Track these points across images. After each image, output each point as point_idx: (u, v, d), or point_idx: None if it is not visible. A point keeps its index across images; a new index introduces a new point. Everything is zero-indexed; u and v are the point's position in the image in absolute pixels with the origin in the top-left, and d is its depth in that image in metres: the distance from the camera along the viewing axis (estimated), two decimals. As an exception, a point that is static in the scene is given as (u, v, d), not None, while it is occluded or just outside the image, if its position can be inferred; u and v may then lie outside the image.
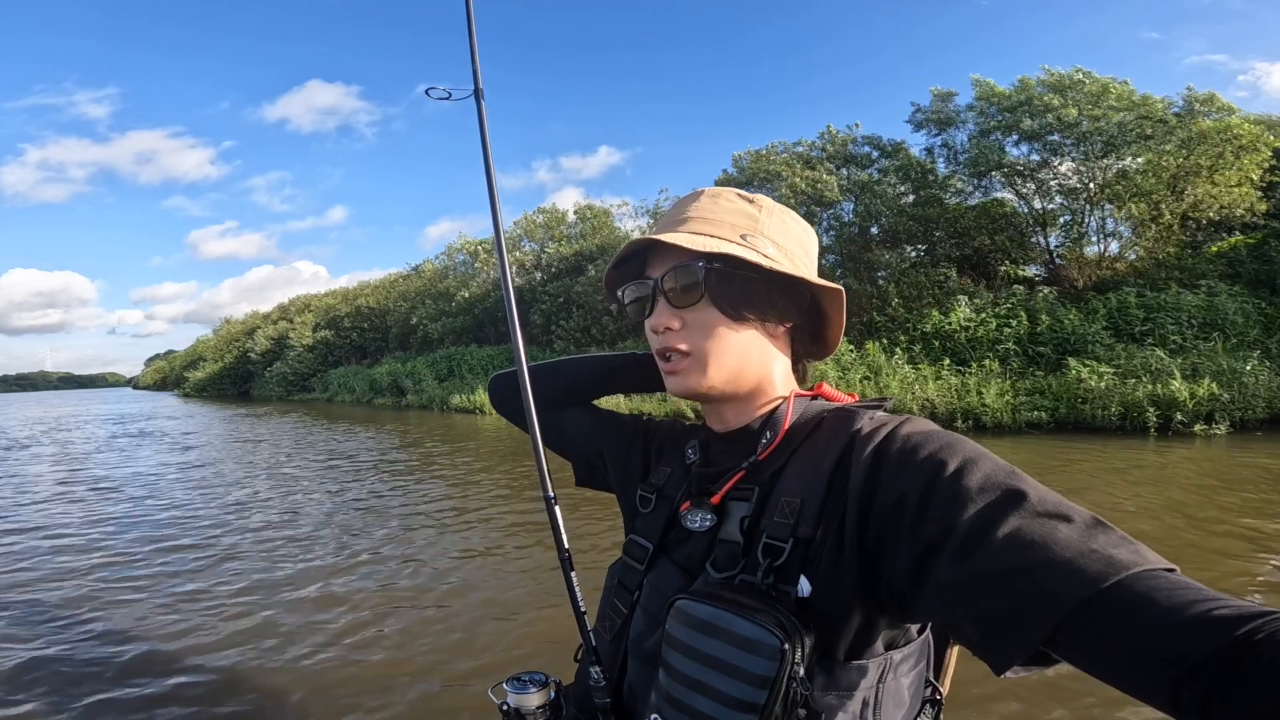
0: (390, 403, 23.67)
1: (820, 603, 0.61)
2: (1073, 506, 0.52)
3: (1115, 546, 0.48)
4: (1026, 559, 0.49)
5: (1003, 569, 0.49)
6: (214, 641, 3.23)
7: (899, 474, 0.59)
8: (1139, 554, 0.48)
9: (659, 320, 0.73)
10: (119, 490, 7.56)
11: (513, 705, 0.79)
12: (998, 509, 0.52)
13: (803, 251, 0.76)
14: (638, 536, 0.83)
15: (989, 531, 0.51)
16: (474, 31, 0.94)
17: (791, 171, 16.03)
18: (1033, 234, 15.39)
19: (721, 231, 0.72)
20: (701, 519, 0.72)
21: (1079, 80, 13.61)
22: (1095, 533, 0.49)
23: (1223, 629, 0.40)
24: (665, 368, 0.75)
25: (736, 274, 0.70)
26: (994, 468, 0.56)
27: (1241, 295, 11.23)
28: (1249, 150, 12.37)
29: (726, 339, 0.71)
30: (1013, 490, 0.53)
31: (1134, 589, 0.45)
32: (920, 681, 0.69)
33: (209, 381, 43.56)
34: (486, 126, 0.92)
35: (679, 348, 0.72)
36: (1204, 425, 8.31)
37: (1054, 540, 0.49)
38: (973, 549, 0.51)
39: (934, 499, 0.56)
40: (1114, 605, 0.45)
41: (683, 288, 0.71)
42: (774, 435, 0.72)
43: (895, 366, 11.70)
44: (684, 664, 0.62)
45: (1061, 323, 11.62)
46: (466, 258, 27.79)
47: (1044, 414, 9.41)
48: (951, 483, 0.55)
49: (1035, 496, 0.52)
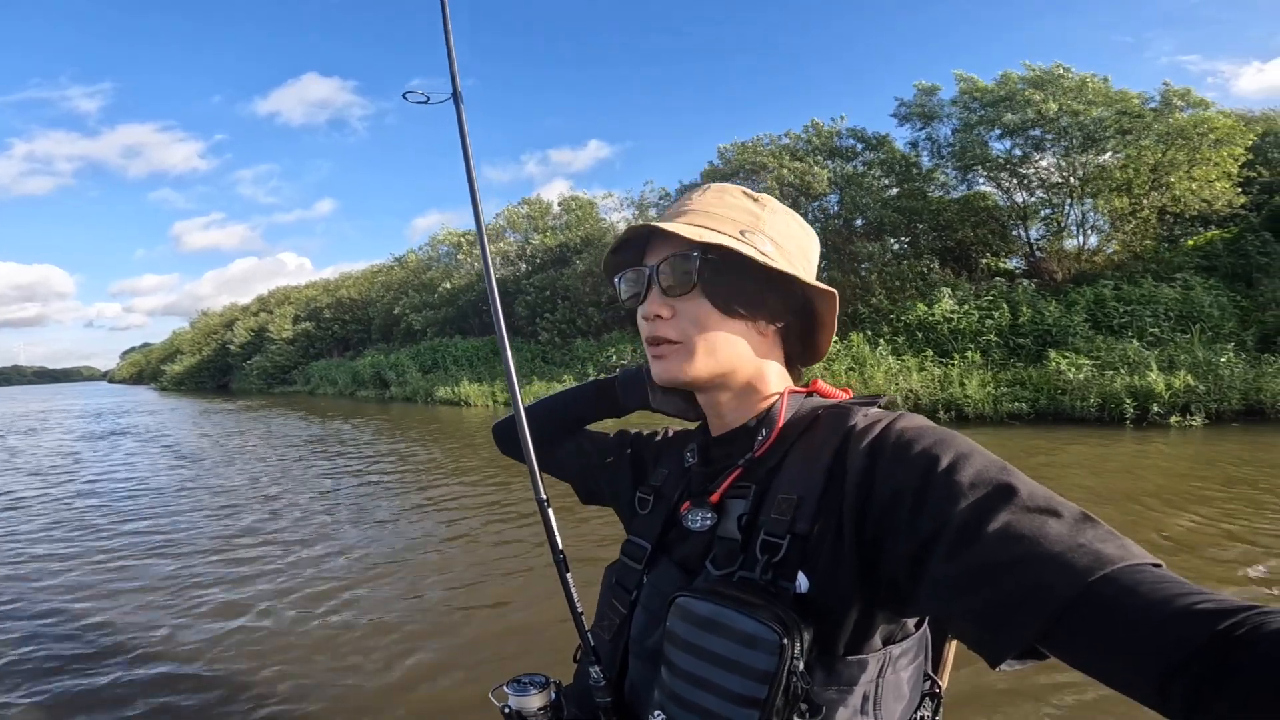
0: (374, 395, 23.47)
1: (818, 598, 0.62)
2: (1062, 501, 0.53)
3: (1103, 541, 0.49)
4: (1017, 553, 0.50)
5: (994, 563, 0.50)
6: (205, 643, 3.19)
7: (894, 469, 0.60)
8: (1125, 549, 0.49)
9: (650, 308, 0.73)
10: (95, 499, 7.41)
11: (514, 707, 0.78)
12: (990, 504, 0.53)
13: (801, 253, 0.76)
14: (636, 537, 0.83)
15: (981, 526, 0.52)
16: (450, 35, 0.92)
17: (778, 163, 16.05)
18: (1014, 227, 15.59)
19: (721, 225, 0.72)
20: (702, 518, 0.73)
21: (1059, 75, 13.76)
22: (1084, 527, 0.50)
23: (1207, 623, 0.41)
24: (653, 353, 0.75)
25: (730, 268, 0.70)
26: (986, 463, 0.57)
27: (1217, 289, 11.44)
28: (1226, 144, 12.57)
29: (715, 331, 0.71)
30: (1004, 485, 0.54)
31: (1119, 583, 0.46)
32: (919, 675, 0.70)
33: (187, 375, 42.99)
34: (466, 130, 0.90)
35: (668, 336, 0.72)
36: (1179, 416, 8.46)
37: (1044, 535, 0.50)
38: (966, 544, 0.52)
39: (929, 494, 0.56)
40: (1100, 600, 0.46)
41: (676, 277, 0.71)
42: (769, 432, 0.72)
43: (879, 358, 11.79)
44: (686, 661, 0.62)
45: (1042, 315, 11.78)
46: (450, 249, 27.57)
47: (1025, 405, 9.54)
48: (945, 478, 0.56)
49: (1026, 492, 0.53)
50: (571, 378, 16.65)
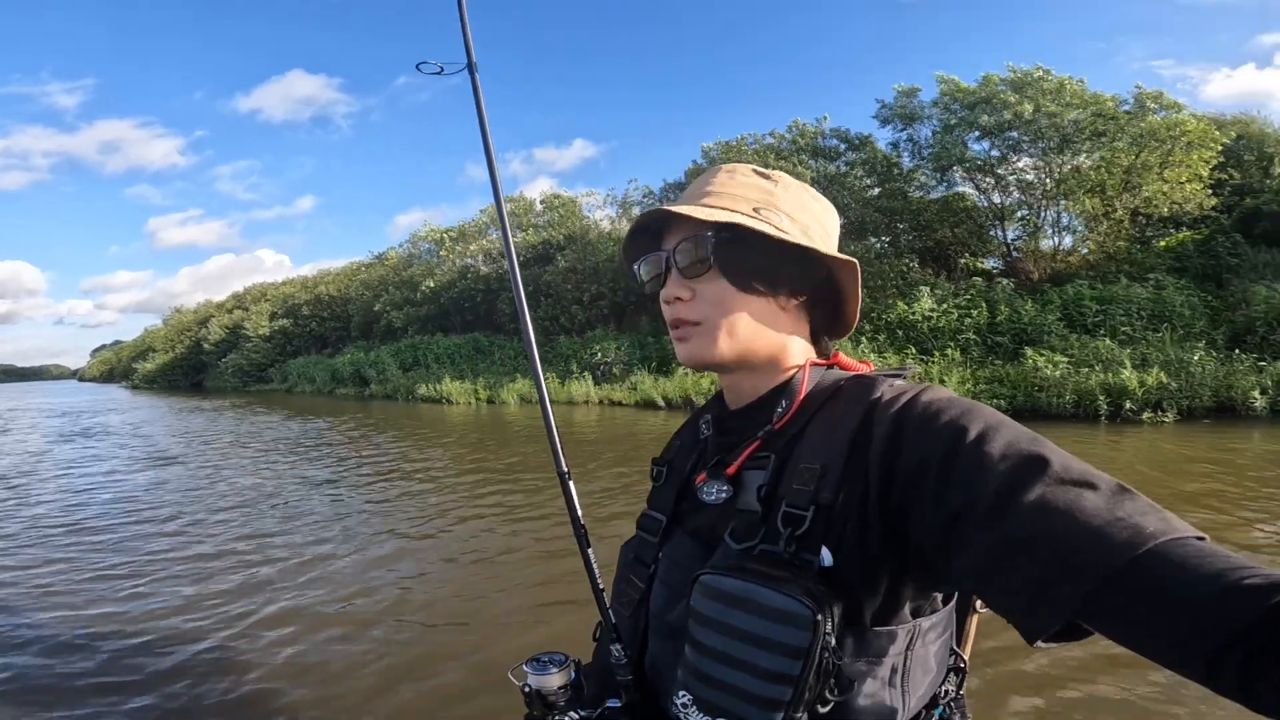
0: (353, 393, 23.17)
1: (843, 571, 0.60)
2: (1098, 473, 0.51)
3: (1143, 514, 0.47)
4: (1053, 527, 0.48)
5: (1029, 537, 0.49)
6: (228, 634, 3.17)
7: (920, 439, 0.59)
8: (1167, 521, 0.47)
9: (670, 290, 0.73)
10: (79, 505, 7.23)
11: (534, 686, 0.77)
12: (1022, 475, 0.51)
13: (819, 227, 0.75)
14: (651, 510, 0.82)
15: (1014, 498, 0.50)
16: (464, 1, 0.91)
17: (761, 162, 16.13)
18: (991, 227, 15.85)
19: (735, 204, 0.71)
20: (718, 491, 0.71)
21: (1039, 77, 14.00)
22: (1121, 500, 0.49)
23: (1258, 597, 0.40)
24: (676, 336, 0.74)
25: (746, 245, 0.70)
26: (1017, 434, 0.56)
27: (1188, 289, 11.73)
28: (1198, 146, 12.87)
29: (736, 310, 0.71)
30: (1036, 456, 0.52)
31: (1164, 557, 0.45)
32: (946, 650, 0.70)
33: (159, 373, 42.08)
34: (482, 100, 0.89)
35: (689, 318, 0.72)
36: (1152, 413, 8.65)
37: (1080, 508, 0.48)
38: (999, 517, 0.51)
39: (957, 464, 0.55)
40: (1144, 575, 0.44)
41: (693, 259, 0.71)
42: (790, 403, 0.71)
43: (861, 356, 11.92)
44: (713, 639, 0.61)
45: (1019, 313, 11.99)
46: (432, 246, 27.30)
47: (1003, 402, 9.69)
48: (974, 448, 0.55)
49: (1059, 463, 0.52)
50: (555, 375, 16.57)
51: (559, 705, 0.77)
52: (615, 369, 15.94)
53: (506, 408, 15.66)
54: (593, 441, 9.40)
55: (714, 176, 0.76)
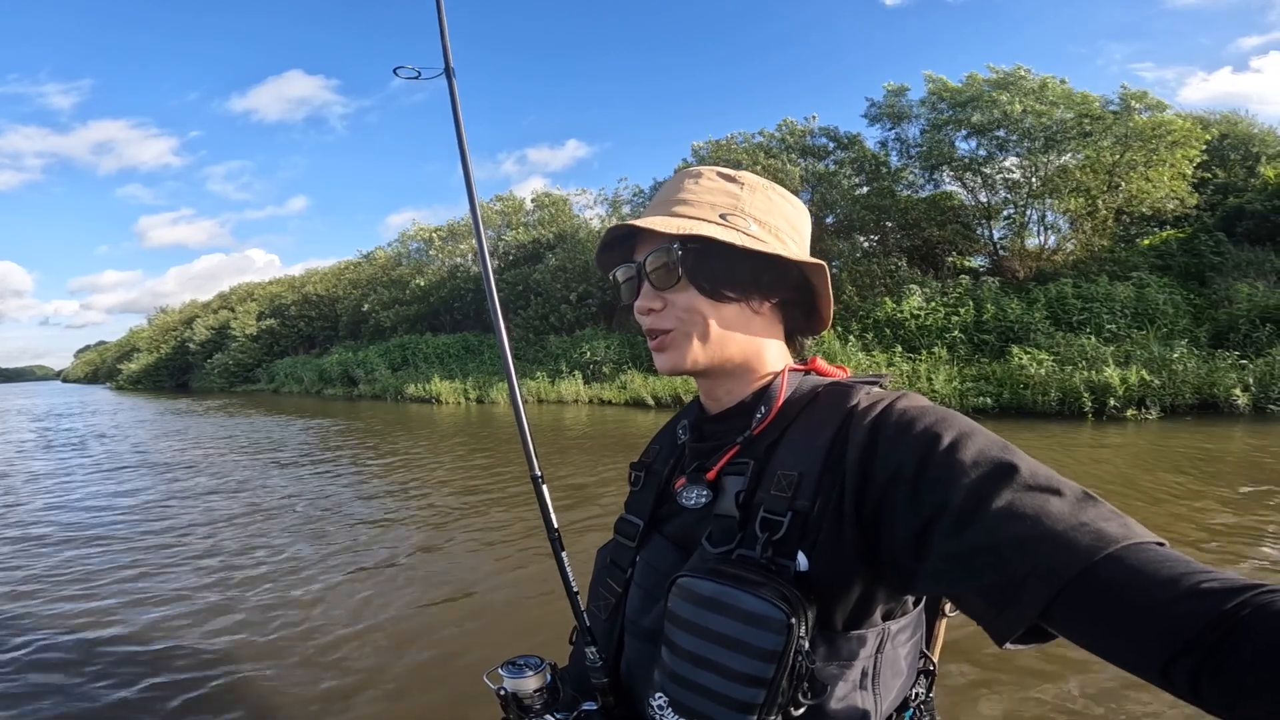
0: (341, 393, 23.00)
1: (818, 576, 0.61)
2: (1063, 480, 0.53)
3: (1105, 520, 0.49)
4: (1019, 532, 0.49)
5: (996, 542, 0.50)
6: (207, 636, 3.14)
7: (895, 447, 0.60)
8: (1128, 527, 0.48)
9: (643, 302, 0.73)
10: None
11: (510, 690, 0.77)
12: (991, 483, 0.53)
13: (790, 228, 0.75)
14: (629, 514, 0.83)
15: (982, 505, 0.52)
16: (443, 9, 0.91)
17: (752, 161, 16.18)
18: (978, 226, 15.96)
19: (700, 212, 0.71)
20: (697, 495, 0.72)
21: (1020, 77, 14.12)
22: (1085, 506, 0.50)
23: (1211, 603, 0.41)
24: (653, 345, 0.75)
25: (714, 254, 0.70)
26: (987, 442, 0.57)
27: (1171, 287, 11.87)
28: (1182, 145, 13.02)
29: (708, 318, 0.71)
30: (1005, 464, 0.54)
31: (1123, 562, 0.46)
32: (916, 653, 0.71)
33: (144, 373, 41.56)
34: (459, 105, 0.89)
35: (663, 327, 0.72)
36: (1135, 410, 8.74)
37: (1046, 514, 0.49)
38: (968, 523, 0.52)
39: (930, 472, 0.56)
40: (1104, 580, 0.46)
41: (662, 270, 0.71)
42: (769, 410, 0.71)
43: (850, 353, 11.98)
44: (689, 641, 0.61)
45: (1005, 312, 12.08)
46: (421, 245, 27.14)
47: (989, 399, 9.77)
48: (946, 456, 0.56)
49: (1027, 470, 0.53)
50: (544, 375, 16.53)
51: (535, 708, 0.77)
52: (605, 368, 15.92)
53: (496, 407, 15.60)
54: (580, 438, 9.41)
55: (681, 183, 0.75)
